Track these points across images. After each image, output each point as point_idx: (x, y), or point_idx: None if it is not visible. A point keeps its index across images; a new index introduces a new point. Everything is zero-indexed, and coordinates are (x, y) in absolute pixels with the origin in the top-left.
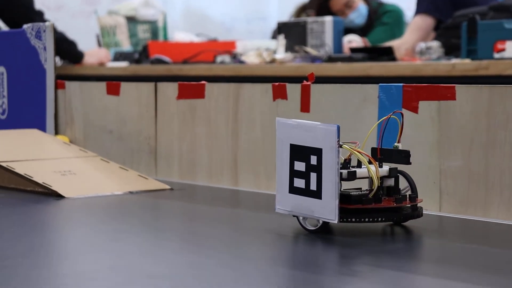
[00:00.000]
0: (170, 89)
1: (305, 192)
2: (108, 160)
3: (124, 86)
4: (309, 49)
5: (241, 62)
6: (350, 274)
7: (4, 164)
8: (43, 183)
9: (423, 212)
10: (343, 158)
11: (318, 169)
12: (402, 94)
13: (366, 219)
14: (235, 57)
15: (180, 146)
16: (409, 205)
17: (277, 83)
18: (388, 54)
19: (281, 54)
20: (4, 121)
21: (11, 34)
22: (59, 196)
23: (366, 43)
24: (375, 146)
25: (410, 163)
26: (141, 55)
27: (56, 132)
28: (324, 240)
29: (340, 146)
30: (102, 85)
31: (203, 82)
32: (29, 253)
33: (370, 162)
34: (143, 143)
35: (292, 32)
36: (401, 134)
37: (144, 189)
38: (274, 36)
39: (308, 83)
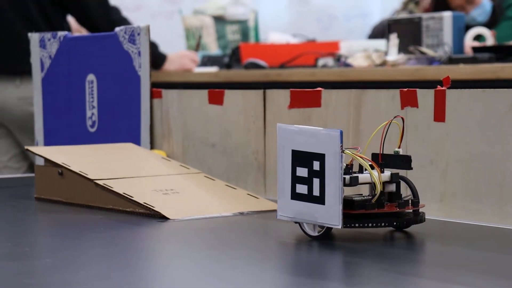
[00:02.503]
0: (280, 97)
1: (308, 198)
2: (213, 177)
3: (228, 94)
4: (425, 49)
5: (347, 65)
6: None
7: (100, 183)
8: (144, 203)
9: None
10: (345, 164)
11: (321, 174)
12: None
13: (370, 224)
14: (339, 60)
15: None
16: (412, 211)
17: (405, 89)
18: None
19: (393, 56)
20: (94, 134)
21: (101, 38)
22: (162, 218)
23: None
24: (376, 151)
25: (411, 168)
26: (231, 59)
27: (152, 146)
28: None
29: (343, 151)
30: (204, 93)
31: (319, 88)
32: (136, 281)
33: (372, 168)
34: (250, 158)
35: (404, 31)
36: (402, 139)
37: (255, 210)
38: (372, 34)
39: (443, 88)
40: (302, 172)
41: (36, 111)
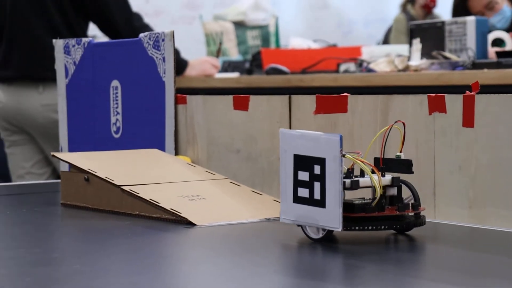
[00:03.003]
0: (306, 103)
1: (309, 201)
2: (238, 183)
3: (253, 99)
4: (448, 54)
5: (370, 70)
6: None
7: (127, 188)
8: (171, 209)
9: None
10: (346, 168)
11: (321, 178)
12: None
13: (370, 227)
14: (361, 65)
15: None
16: (412, 214)
17: (433, 95)
18: None
19: (416, 61)
20: (118, 140)
21: (125, 44)
22: (189, 224)
23: None
24: (377, 155)
25: (412, 172)
26: (252, 64)
27: (176, 152)
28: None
29: (343, 155)
30: (229, 99)
31: (345, 94)
32: (162, 287)
33: (373, 172)
34: (275, 164)
35: (427, 35)
36: (403, 143)
37: None
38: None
39: (472, 93)
40: (303, 176)
41: (60, 117)
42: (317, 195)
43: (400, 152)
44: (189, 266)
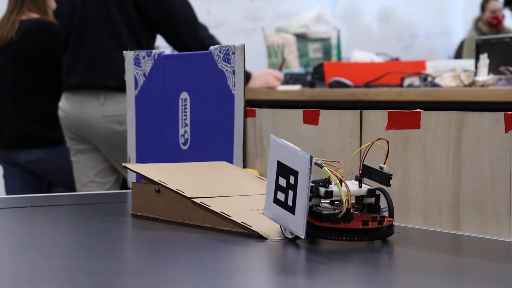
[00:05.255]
0: (377, 118)
1: (284, 205)
2: None
3: (324, 114)
4: None
5: (435, 85)
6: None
7: (197, 201)
8: (242, 222)
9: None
10: (325, 177)
11: (294, 188)
12: None
13: (332, 237)
14: (425, 80)
15: (390, 183)
16: (376, 227)
17: (510, 112)
18: None
19: (483, 76)
20: (186, 152)
21: (195, 57)
22: (260, 238)
23: None
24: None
25: (389, 185)
26: (314, 77)
27: (244, 164)
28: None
29: (321, 166)
30: (298, 113)
31: (418, 110)
32: None
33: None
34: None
35: (494, 51)
36: (387, 157)
37: None
38: (457, 54)
39: None
40: (282, 182)
41: (129, 128)
42: (290, 202)
43: (384, 164)
44: (259, 281)
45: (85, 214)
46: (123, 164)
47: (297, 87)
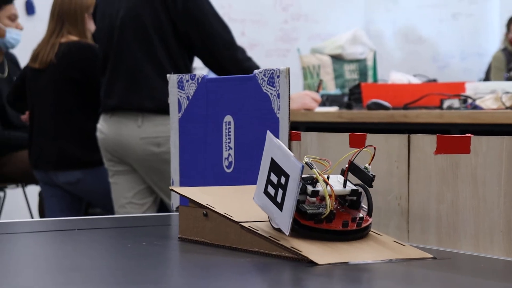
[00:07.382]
0: (426, 142)
1: (273, 200)
2: None
3: (370, 137)
4: None
5: (475, 107)
6: None
7: (246, 225)
8: (291, 247)
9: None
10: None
11: (284, 188)
12: None
13: (314, 236)
14: (465, 101)
15: (439, 208)
16: (354, 228)
17: None
18: None
19: None
20: (230, 175)
21: (239, 80)
22: (310, 263)
23: None
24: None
25: (372, 187)
26: (351, 98)
27: None
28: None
29: (311, 167)
30: (344, 136)
31: (468, 134)
32: None
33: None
34: (392, 203)
35: None
36: (372, 159)
37: (403, 257)
38: (487, 75)
39: None
40: (274, 178)
41: (172, 150)
42: (279, 199)
43: (369, 165)
44: None
45: (132, 237)
46: (170, 187)
47: (334, 109)
